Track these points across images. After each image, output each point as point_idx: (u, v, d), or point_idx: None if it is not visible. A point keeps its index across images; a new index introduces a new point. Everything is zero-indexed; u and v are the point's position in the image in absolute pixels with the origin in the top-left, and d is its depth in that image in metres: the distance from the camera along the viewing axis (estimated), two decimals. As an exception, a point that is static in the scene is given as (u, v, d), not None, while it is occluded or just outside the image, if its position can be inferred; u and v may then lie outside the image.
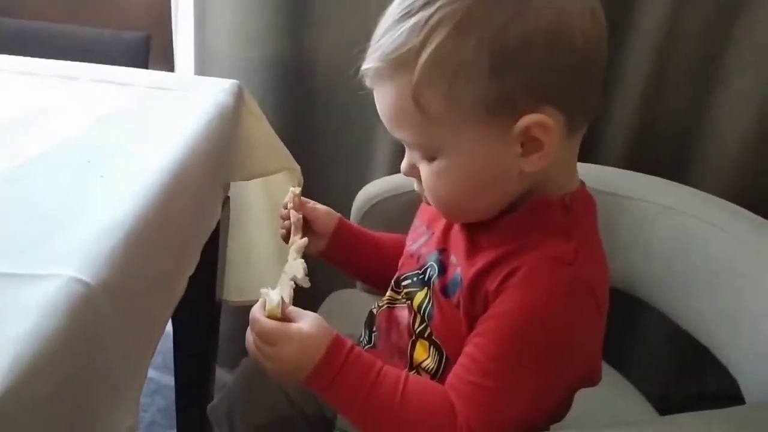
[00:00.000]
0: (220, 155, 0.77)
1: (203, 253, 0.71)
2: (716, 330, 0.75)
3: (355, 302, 0.88)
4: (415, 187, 0.57)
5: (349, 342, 0.53)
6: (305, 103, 1.09)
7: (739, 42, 0.96)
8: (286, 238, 0.70)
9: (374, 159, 1.09)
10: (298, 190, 0.71)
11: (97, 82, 0.81)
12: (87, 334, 0.43)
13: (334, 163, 1.13)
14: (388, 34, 0.49)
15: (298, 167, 0.92)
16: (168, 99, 0.79)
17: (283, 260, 1.00)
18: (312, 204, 0.72)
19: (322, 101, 1.09)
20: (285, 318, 0.53)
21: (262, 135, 0.89)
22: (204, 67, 1.08)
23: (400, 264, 0.65)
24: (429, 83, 0.48)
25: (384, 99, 0.52)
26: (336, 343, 0.52)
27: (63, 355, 0.40)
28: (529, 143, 0.49)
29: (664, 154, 1.05)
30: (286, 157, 0.92)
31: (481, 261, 0.52)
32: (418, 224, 0.66)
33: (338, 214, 0.73)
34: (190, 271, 0.66)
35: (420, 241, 0.63)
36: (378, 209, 0.90)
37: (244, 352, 0.71)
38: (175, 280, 0.62)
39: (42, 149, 0.62)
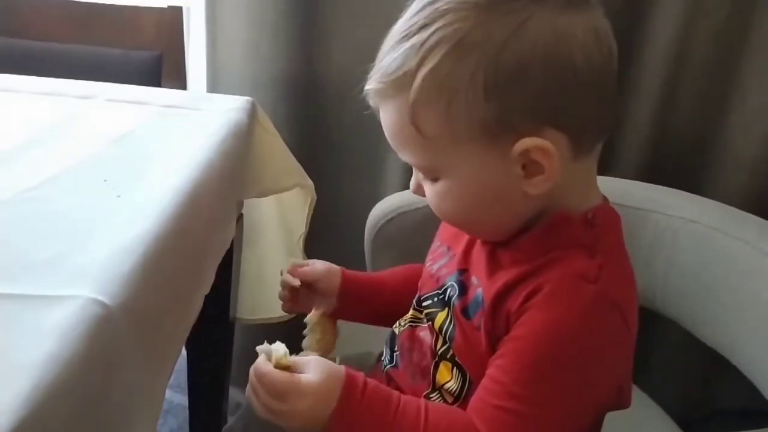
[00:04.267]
0: (233, 173, 0.77)
1: (217, 271, 0.70)
2: (742, 346, 0.74)
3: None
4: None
5: (361, 378, 0.51)
6: (317, 119, 1.09)
7: (755, 51, 0.95)
8: (287, 307, 0.71)
9: (387, 174, 1.09)
10: (299, 261, 0.71)
11: (112, 101, 0.81)
12: (105, 357, 0.43)
13: (346, 178, 1.13)
14: (388, 56, 0.49)
15: (311, 183, 0.92)
16: (182, 117, 0.79)
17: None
18: (307, 267, 0.70)
19: (333, 117, 1.09)
20: (292, 369, 0.51)
21: (276, 152, 0.89)
22: (216, 84, 1.08)
23: (420, 284, 0.64)
24: (426, 104, 0.48)
25: (386, 119, 0.52)
26: (349, 385, 0.50)
27: (82, 379, 0.39)
28: (531, 165, 0.48)
29: (679, 165, 1.04)
30: (299, 173, 0.91)
31: (502, 279, 0.51)
32: (438, 244, 0.65)
33: (339, 268, 0.71)
34: (206, 290, 0.65)
35: (440, 261, 0.62)
36: (392, 225, 0.89)
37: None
38: (191, 299, 0.61)
39: (59, 169, 0.62)
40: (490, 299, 0.51)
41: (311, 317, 0.68)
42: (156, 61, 1.17)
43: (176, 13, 1.13)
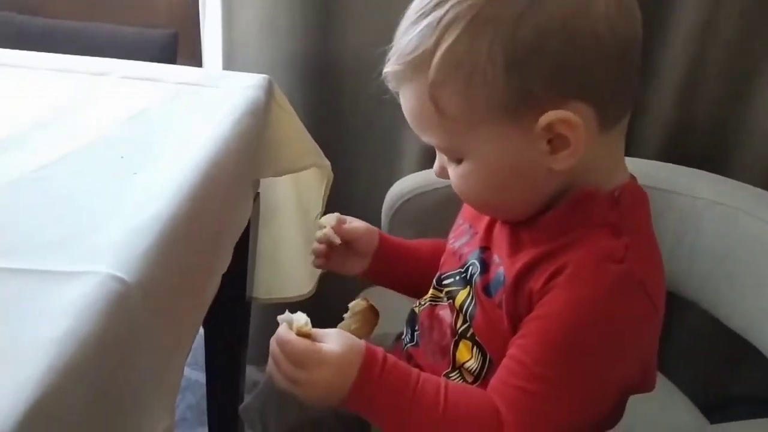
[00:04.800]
0: (250, 152, 0.76)
1: (234, 250, 0.70)
2: (766, 328, 0.72)
3: (388, 299, 0.86)
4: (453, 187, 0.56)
5: (381, 352, 0.51)
6: (333, 99, 1.08)
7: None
8: (319, 262, 0.70)
9: (403, 155, 1.08)
10: (342, 216, 0.70)
11: (127, 78, 0.80)
12: (124, 334, 0.43)
13: (362, 159, 1.12)
14: (404, 37, 0.49)
15: (327, 163, 0.91)
16: (199, 94, 0.78)
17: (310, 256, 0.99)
18: (350, 225, 0.69)
19: (350, 97, 1.08)
20: (312, 339, 0.50)
21: (292, 131, 0.88)
22: (231, 63, 1.07)
23: (441, 261, 0.63)
24: (445, 83, 0.47)
25: (406, 102, 0.51)
26: (369, 358, 0.49)
27: (100, 356, 0.39)
28: (557, 140, 0.47)
29: (703, 147, 1.01)
30: (316, 153, 0.90)
31: (524, 258, 0.50)
32: (461, 221, 0.64)
33: (377, 230, 0.71)
34: (223, 269, 0.65)
35: (462, 239, 0.61)
36: (410, 206, 0.88)
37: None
38: (208, 278, 0.61)
39: (74, 146, 0.62)
40: (512, 277, 0.50)
41: (357, 304, 0.67)
42: (171, 40, 1.16)
43: (191, -10, 1.12)
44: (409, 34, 0.48)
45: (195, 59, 1.16)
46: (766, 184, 0.90)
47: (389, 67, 0.50)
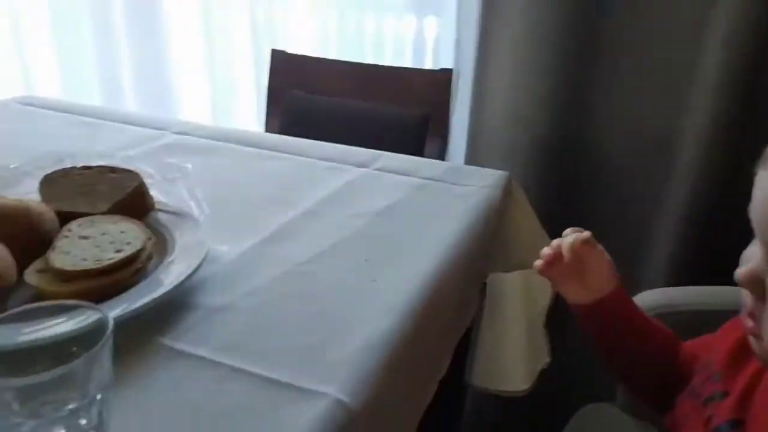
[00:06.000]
0: (483, 251, 0.77)
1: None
2: None
3: (611, 421, 0.79)
4: (747, 303, 0.46)
5: None
6: (573, 187, 1.04)
7: None
8: (541, 266, 0.64)
9: (648, 258, 0.99)
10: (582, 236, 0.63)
11: (381, 171, 0.87)
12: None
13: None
14: None
15: (561, 260, 0.88)
16: (441, 192, 0.82)
17: (531, 352, 0.95)
18: (598, 251, 0.63)
19: (590, 183, 1.03)
20: None
21: (527, 227, 0.87)
22: (475, 146, 1.11)
23: (682, 414, 0.55)
24: None
25: None
26: None
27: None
28: None
29: None
30: (548, 250, 0.88)
31: None
32: (708, 360, 0.55)
33: (618, 280, 0.63)
34: (441, 374, 0.66)
35: (711, 395, 0.53)
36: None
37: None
38: (428, 385, 0.63)
39: (328, 244, 0.68)
40: None
41: None
42: (423, 120, 1.25)
43: (446, 75, 1.19)
44: None
45: (443, 138, 1.23)
46: None
47: None
